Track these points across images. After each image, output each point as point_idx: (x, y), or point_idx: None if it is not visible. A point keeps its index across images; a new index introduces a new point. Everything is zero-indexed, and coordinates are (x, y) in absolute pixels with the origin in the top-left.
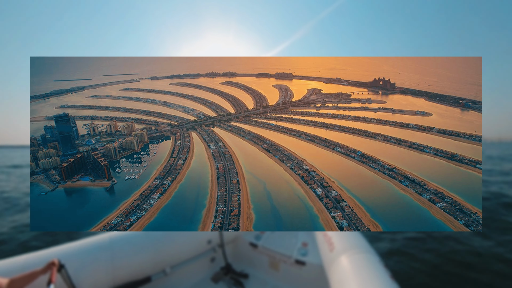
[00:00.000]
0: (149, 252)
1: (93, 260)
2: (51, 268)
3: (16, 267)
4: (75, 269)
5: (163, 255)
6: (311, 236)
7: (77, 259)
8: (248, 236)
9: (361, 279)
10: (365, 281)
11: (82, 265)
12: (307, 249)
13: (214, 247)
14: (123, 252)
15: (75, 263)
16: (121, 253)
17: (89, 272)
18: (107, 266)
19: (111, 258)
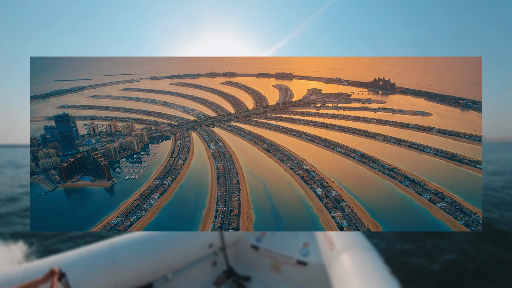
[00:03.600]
0: (150, 258)
1: (94, 268)
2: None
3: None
4: (76, 277)
5: (164, 260)
6: (312, 236)
7: (78, 267)
8: (249, 238)
9: (362, 276)
10: (366, 278)
11: (83, 273)
12: (308, 249)
13: (215, 251)
14: (124, 258)
15: (76, 271)
16: (122, 260)
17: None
18: (108, 274)
19: (112, 265)
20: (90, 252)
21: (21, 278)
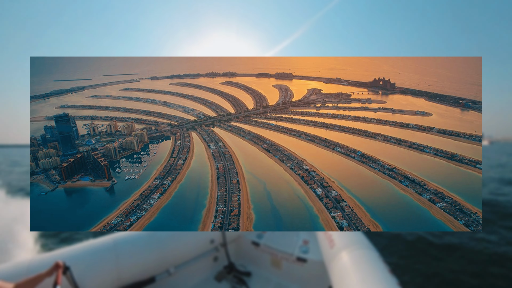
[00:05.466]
0: (153, 252)
1: (97, 262)
2: (56, 271)
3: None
4: (80, 271)
5: (167, 255)
6: (312, 235)
7: (82, 260)
8: (250, 235)
9: (361, 274)
10: (365, 276)
11: (87, 266)
12: (308, 246)
13: (216, 247)
14: (128, 253)
15: (80, 264)
16: (125, 254)
17: (94, 273)
18: (111, 268)
19: (116, 260)
20: (94, 247)
21: (26, 272)
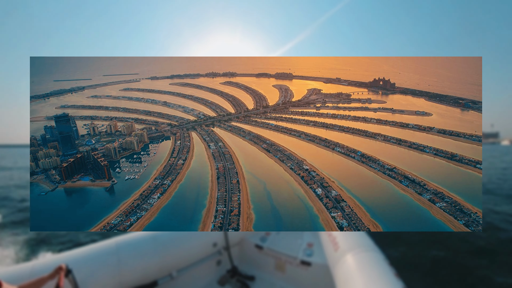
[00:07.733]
0: (155, 256)
1: (100, 265)
2: (59, 273)
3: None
4: (82, 274)
5: (169, 259)
6: (316, 236)
7: (84, 264)
8: (253, 238)
9: (366, 277)
10: (370, 279)
11: (89, 270)
12: (312, 249)
13: (219, 250)
14: (130, 256)
15: (83, 268)
16: (127, 258)
17: (96, 276)
18: (113, 271)
19: (118, 263)
20: (96, 250)
21: (29, 275)
